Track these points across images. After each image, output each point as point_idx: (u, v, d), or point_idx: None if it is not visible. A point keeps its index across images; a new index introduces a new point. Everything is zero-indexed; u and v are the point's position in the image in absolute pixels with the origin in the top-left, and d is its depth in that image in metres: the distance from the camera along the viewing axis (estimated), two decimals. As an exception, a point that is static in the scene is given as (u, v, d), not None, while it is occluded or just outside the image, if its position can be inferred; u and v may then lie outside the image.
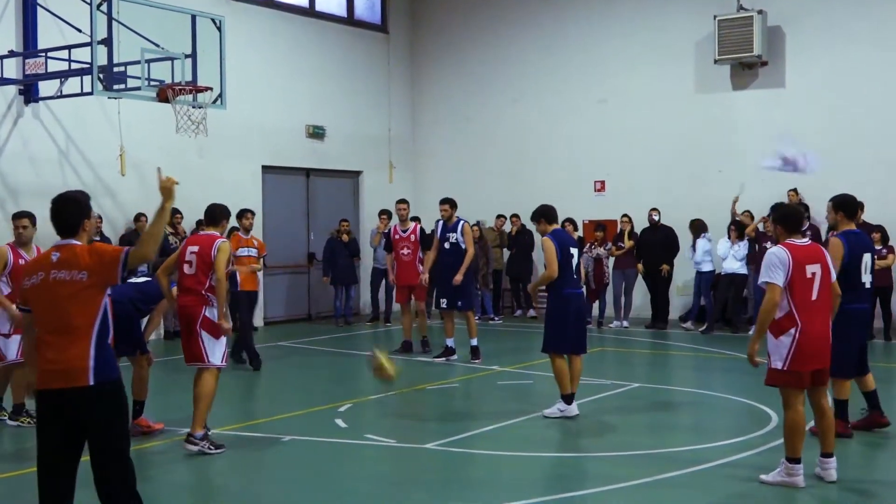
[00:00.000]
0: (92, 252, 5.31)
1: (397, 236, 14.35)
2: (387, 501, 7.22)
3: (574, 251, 9.80)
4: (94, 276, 5.24)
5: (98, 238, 14.30)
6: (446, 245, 13.48)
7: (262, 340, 16.25)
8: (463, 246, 13.36)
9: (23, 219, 9.70)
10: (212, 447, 8.42)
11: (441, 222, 13.65)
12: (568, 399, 9.66)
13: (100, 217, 15.28)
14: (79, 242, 5.38)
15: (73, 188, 14.85)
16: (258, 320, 17.97)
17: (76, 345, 5.18)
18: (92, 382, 5.16)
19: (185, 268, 8.56)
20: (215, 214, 9.00)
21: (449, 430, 9.25)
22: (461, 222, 13.52)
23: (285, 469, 8.16)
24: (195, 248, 8.60)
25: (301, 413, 10.17)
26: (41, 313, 5.32)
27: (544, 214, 9.93)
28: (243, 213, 13.36)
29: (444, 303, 13.57)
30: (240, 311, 12.76)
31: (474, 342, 13.43)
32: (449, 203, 13.66)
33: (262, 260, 13.70)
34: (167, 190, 5.50)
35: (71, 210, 5.44)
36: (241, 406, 10.81)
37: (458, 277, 13.21)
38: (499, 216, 19.62)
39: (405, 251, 14.24)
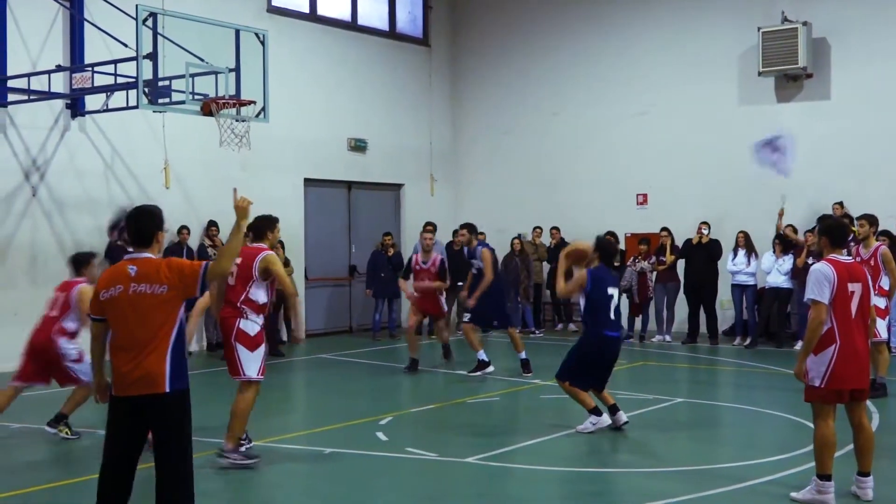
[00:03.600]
0: (171, 266, 5.61)
1: (418, 267, 13.99)
2: (427, 516, 7.21)
3: (613, 291, 9.58)
4: (174, 289, 5.55)
5: (131, 250, 14.40)
6: (474, 270, 13.44)
7: (303, 353, 16.32)
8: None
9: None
10: (243, 458, 8.44)
11: (465, 248, 13.68)
12: (596, 411, 9.59)
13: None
14: (153, 255, 5.69)
15: (118, 201, 15.17)
16: (299, 332, 18.05)
17: (154, 354, 5.49)
18: (168, 390, 5.49)
19: (229, 279, 8.54)
20: (261, 229, 8.93)
21: (490, 444, 9.21)
22: (480, 248, 13.38)
23: (326, 482, 8.17)
24: (238, 260, 8.44)
25: (342, 426, 10.18)
26: (120, 324, 5.58)
27: (603, 250, 9.67)
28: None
29: (466, 316, 13.45)
30: None
31: (523, 355, 13.39)
32: (467, 228, 13.59)
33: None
34: (243, 209, 5.87)
35: (147, 222, 5.78)
36: (282, 418, 10.83)
37: (471, 302, 13.18)
38: (535, 228, 19.53)
39: (425, 282, 13.94)
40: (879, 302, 11.32)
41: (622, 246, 17.99)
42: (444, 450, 8.96)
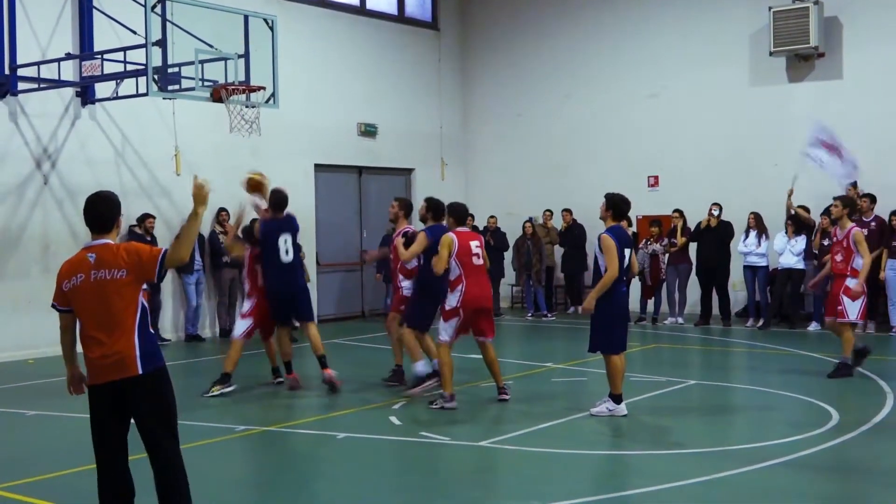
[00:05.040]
0: (129, 251, 5.59)
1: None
2: (440, 499, 7.20)
3: (627, 252, 9.61)
4: (133, 273, 5.54)
5: (149, 239, 14.55)
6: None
7: (315, 338, 16.31)
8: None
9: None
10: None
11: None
12: (618, 399, 9.57)
13: (153, 217, 15.46)
14: (112, 241, 5.65)
15: (129, 188, 15.20)
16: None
17: (123, 338, 5.50)
18: (141, 371, 5.50)
19: (475, 259, 10.00)
20: (464, 213, 10.50)
21: (503, 427, 9.22)
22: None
23: (340, 466, 8.18)
24: (478, 242, 10.17)
25: (355, 410, 10.19)
26: (87, 312, 5.57)
27: (615, 207, 9.67)
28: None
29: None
30: None
31: (419, 367, 10.96)
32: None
33: None
34: (201, 197, 5.68)
35: (108, 208, 5.72)
36: (296, 403, 10.86)
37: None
38: (545, 211, 19.52)
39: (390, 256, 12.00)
40: (851, 283, 11.34)
41: (634, 229, 17.96)
42: (457, 434, 8.97)
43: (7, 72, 14.12)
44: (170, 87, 13.61)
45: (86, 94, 15.05)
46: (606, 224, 9.63)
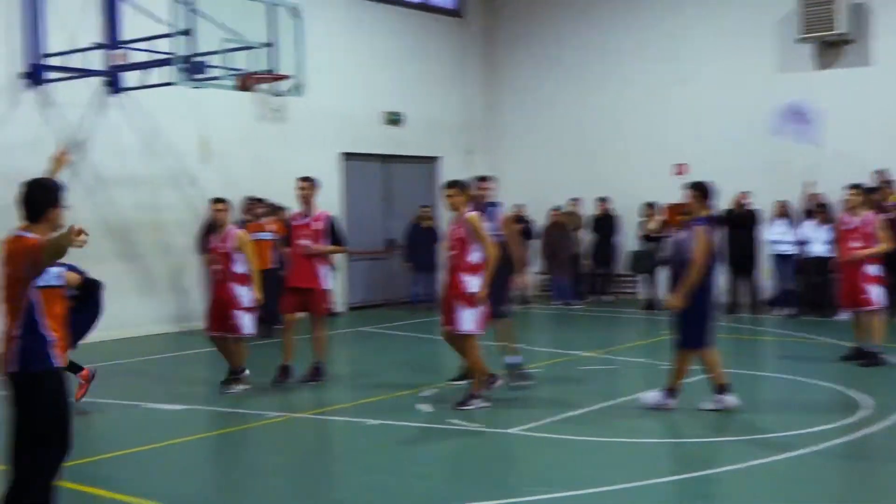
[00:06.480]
0: (17, 244, 5.29)
1: (295, 222, 11.14)
2: (472, 486, 7.19)
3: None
4: (20, 271, 5.24)
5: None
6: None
7: (343, 326, 16.36)
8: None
9: (218, 203, 10.86)
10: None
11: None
12: (725, 389, 9.24)
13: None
14: (30, 234, 5.28)
15: (157, 176, 15.25)
16: (340, 305, 18.16)
17: (7, 331, 5.28)
18: (16, 370, 5.28)
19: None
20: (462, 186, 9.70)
21: (534, 415, 9.19)
22: (493, 210, 10.39)
23: (370, 454, 8.19)
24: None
25: (385, 398, 10.21)
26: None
27: (705, 193, 9.13)
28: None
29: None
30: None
31: (516, 358, 10.74)
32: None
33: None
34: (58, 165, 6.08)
35: (38, 195, 5.40)
36: (325, 390, 10.88)
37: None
38: (572, 199, 19.49)
39: (302, 242, 10.96)
40: (872, 269, 11.23)
41: (662, 216, 17.87)
42: (487, 421, 8.97)
43: (36, 61, 14.19)
44: (196, 77, 13.62)
45: (113, 83, 15.11)
46: (695, 214, 9.08)
